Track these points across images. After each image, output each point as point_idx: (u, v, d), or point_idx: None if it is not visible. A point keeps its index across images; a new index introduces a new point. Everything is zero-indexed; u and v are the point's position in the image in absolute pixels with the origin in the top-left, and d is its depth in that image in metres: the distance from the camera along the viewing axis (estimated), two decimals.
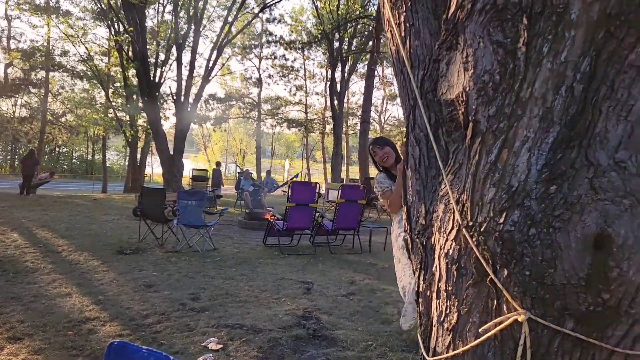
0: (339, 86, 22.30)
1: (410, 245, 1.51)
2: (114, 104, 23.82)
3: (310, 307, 4.53)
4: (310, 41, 26.73)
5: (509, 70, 1.07)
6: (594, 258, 0.97)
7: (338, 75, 22.42)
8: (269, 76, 37.65)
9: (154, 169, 42.65)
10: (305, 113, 38.37)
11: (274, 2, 20.76)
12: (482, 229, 1.08)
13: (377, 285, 5.63)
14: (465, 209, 1.13)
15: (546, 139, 1.03)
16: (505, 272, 1.06)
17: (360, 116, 25.24)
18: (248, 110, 39.04)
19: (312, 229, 8.01)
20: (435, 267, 1.29)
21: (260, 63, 36.80)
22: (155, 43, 22.48)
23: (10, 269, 5.42)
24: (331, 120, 24.50)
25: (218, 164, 20.13)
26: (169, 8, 22.00)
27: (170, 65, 23.09)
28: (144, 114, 19.09)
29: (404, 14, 1.50)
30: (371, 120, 29.86)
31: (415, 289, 1.45)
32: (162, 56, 22.65)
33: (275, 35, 30.78)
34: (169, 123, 27.28)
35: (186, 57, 18.00)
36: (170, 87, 22.81)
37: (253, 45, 34.66)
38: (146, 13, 17.43)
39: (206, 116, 36.06)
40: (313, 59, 36.91)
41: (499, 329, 1.08)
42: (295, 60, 35.77)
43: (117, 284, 5.07)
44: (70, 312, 4.08)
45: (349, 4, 22.36)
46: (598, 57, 1.01)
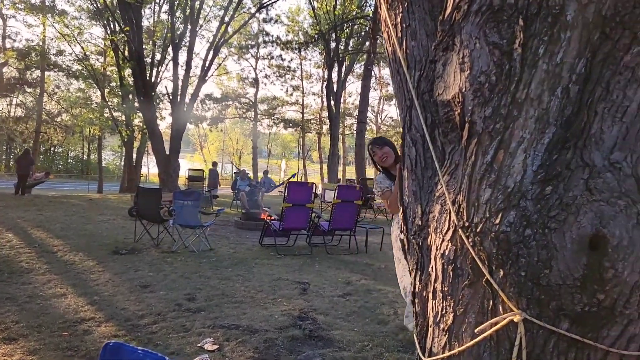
0: (335, 86, 22.32)
1: (406, 246, 1.52)
2: (109, 103, 23.77)
3: (306, 308, 4.53)
4: (306, 41, 26.77)
5: (505, 71, 1.07)
6: (589, 259, 0.97)
7: (335, 75, 22.45)
8: (266, 76, 37.60)
9: (150, 169, 42.51)
10: (302, 113, 38.40)
11: (270, 2, 20.78)
12: (478, 230, 1.08)
13: (374, 285, 5.63)
14: (461, 210, 1.13)
15: (542, 139, 1.03)
16: (501, 273, 1.06)
17: (356, 116, 25.24)
18: (244, 111, 39.03)
19: (309, 230, 8.01)
20: (431, 268, 1.29)
21: (256, 63, 36.84)
22: (151, 43, 22.44)
23: (5, 270, 5.39)
24: (328, 120, 24.53)
25: (214, 164, 20.13)
26: (165, 7, 22.04)
27: (167, 65, 23.08)
28: (140, 114, 19.03)
29: (401, 14, 1.50)
30: (368, 121, 29.85)
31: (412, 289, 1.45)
32: (158, 56, 22.65)
33: (272, 36, 30.88)
34: (165, 123, 27.32)
35: (182, 57, 18.03)
36: (166, 87, 22.83)
37: (250, 45, 34.65)
38: (142, 12, 17.39)
39: (202, 116, 36.02)
40: (310, 59, 37.00)
41: (494, 329, 1.08)
42: (292, 60, 35.85)
43: (113, 285, 5.06)
44: (65, 313, 4.06)
45: (346, 5, 22.41)
46: (593, 59, 1.02)
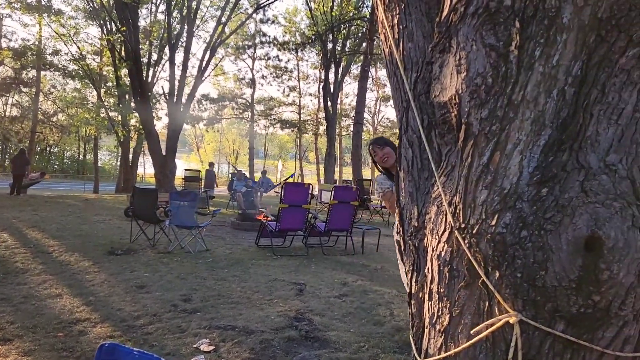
0: (332, 87, 22.33)
1: (402, 247, 1.52)
2: (106, 103, 23.69)
3: (302, 309, 4.53)
4: (303, 42, 26.78)
5: (501, 74, 1.07)
6: (584, 260, 0.97)
7: (331, 76, 22.46)
8: (263, 77, 37.72)
9: (146, 169, 42.42)
10: (299, 114, 38.38)
11: (267, 3, 20.78)
12: (474, 231, 1.08)
13: (370, 286, 5.63)
14: (457, 211, 1.14)
15: (538, 141, 1.04)
16: (497, 274, 1.06)
17: (353, 117, 25.27)
18: (241, 111, 38.99)
19: (305, 230, 8.00)
20: (428, 269, 1.29)
21: (253, 64, 36.80)
22: (148, 43, 22.40)
23: (0, 270, 5.36)
24: (324, 121, 24.51)
25: (211, 164, 20.10)
26: (162, 8, 21.98)
27: (163, 65, 23.04)
28: (136, 114, 18.98)
29: (398, 16, 1.50)
30: (364, 122, 29.93)
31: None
32: (155, 56, 22.62)
33: (269, 36, 30.83)
34: (161, 123, 27.23)
35: (179, 57, 17.95)
36: (162, 87, 22.77)
37: (246, 46, 34.61)
38: (139, 12, 17.33)
39: (199, 116, 35.98)
40: (307, 60, 37.04)
41: (490, 330, 1.08)
42: (288, 61, 35.86)
43: (108, 285, 5.04)
44: (60, 313, 4.04)
45: (343, 6, 22.42)
46: (589, 61, 1.02)
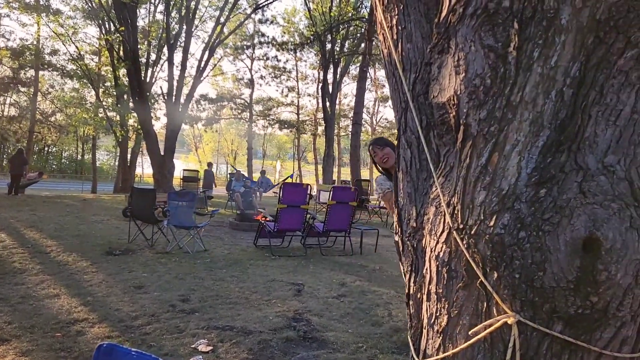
0: (331, 88, 22.32)
1: (401, 248, 1.52)
2: (104, 103, 23.64)
3: (300, 309, 4.53)
4: (302, 42, 26.77)
5: (499, 74, 1.07)
6: (582, 261, 0.98)
7: (330, 76, 22.44)
8: (261, 77, 37.52)
9: (145, 169, 42.35)
10: (297, 114, 38.35)
11: (266, 3, 20.77)
12: (473, 232, 1.08)
13: (368, 287, 5.63)
14: (456, 212, 1.14)
15: (536, 142, 1.04)
16: (495, 275, 1.06)
17: (352, 118, 25.27)
18: (240, 111, 38.95)
19: (303, 231, 8.00)
20: (426, 270, 1.29)
21: (252, 64, 36.76)
22: (146, 43, 22.37)
23: None
24: (323, 121, 24.51)
25: (210, 164, 20.10)
26: (161, 7, 21.94)
27: (162, 65, 23.00)
28: (135, 114, 18.96)
29: (396, 17, 1.50)
30: (363, 122, 29.87)
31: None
32: (154, 56, 22.57)
33: (268, 37, 30.75)
34: (160, 123, 27.15)
35: (178, 57, 17.96)
36: (161, 87, 22.70)
37: (245, 46, 34.58)
38: (137, 12, 17.30)
39: (197, 117, 35.92)
40: (305, 61, 36.94)
41: (488, 331, 1.08)
42: (287, 61, 35.79)
43: (106, 285, 5.03)
44: (58, 314, 4.04)
45: (342, 6, 22.42)
46: (587, 62, 1.02)
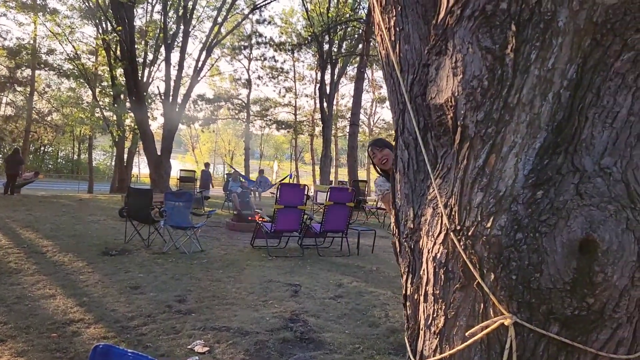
0: (328, 88, 22.33)
1: (398, 249, 1.52)
2: (101, 103, 23.59)
3: (297, 310, 4.52)
4: (300, 43, 26.78)
5: (497, 76, 1.07)
6: (579, 263, 0.98)
7: (328, 77, 22.46)
8: (259, 77, 37.51)
9: (141, 169, 42.18)
10: (295, 115, 38.36)
11: (264, 4, 20.77)
12: (470, 233, 1.09)
13: (365, 287, 5.63)
14: (453, 213, 1.14)
15: (533, 144, 1.04)
16: (492, 276, 1.06)
17: (349, 119, 25.29)
18: (237, 112, 38.92)
19: (300, 231, 8.00)
20: (423, 271, 1.29)
21: (249, 64, 36.76)
22: (143, 42, 22.32)
23: None
24: (320, 122, 24.53)
25: (207, 165, 20.07)
26: (158, 7, 21.93)
27: (159, 65, 22.97)
28: (132, 114, 18.91)
29: (394, 18, 1.50)
30: (360, 123, 29.91)
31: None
32: (151, 56, 22.55)
33: (265, 37, 30.66)
34: (156, 123, 27.14)
35: (175, 57, 17.95)
36: (158, 87, 22.70)
37: (242, 46, 34.54)
38: (135, 12, 17.27)
39: (194, 117, 35.86)
40: (303, 61, 37.01)
41: (485, 332, 1.08)
42: (284, 62, 35.81)
43: (102, 286, 5.01)
44: (54, 314, 4.02)
45: (339, 7, 22.44)
46: (584, 65, 1.03)
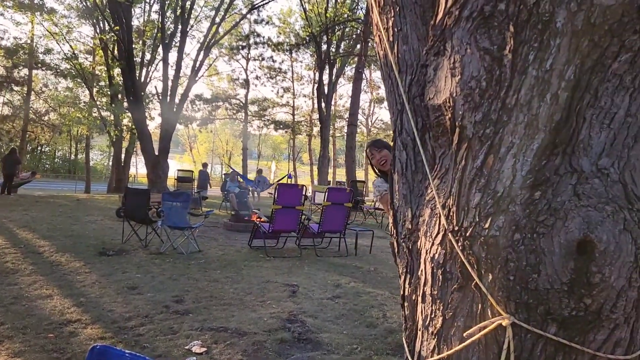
0: (326, 88, 22.34)
1: (396, 249, 1.52)
2: (98, 103, 23.52)
3: (295, 310, 4.52)
4: (298, 43, 26.79)
5: (495, 77, 1.07)
6: (576, 263, 0.98)
7: (326, 77, 22.48)
8: (257, 77, 37.47)
9: (139, 169, 42.12)
10: (293, 115, 38.35)
11: (262, 4, 20.76)
12: (468, 234, 1.09)
13: (363, 288, 5.63)
14: (451, 214, 1.14)
15: (531, 145, 1.04)
16: (490, 277, 1.07)
17: (347, 119, 25.28)
18: (235, 112, 38.85)
19: (298, 232, 8.00)
20: (421, 271, 1.29)
21: (247, 64, 36.69)
22: (141, 42, 22.27)
23: None
24: (318, 122, 24.54)
25: (205, 165, 20.04)
26: (156, 7, 21.89)
27: (157, 64, 22.92)
28: (129, 114, 18.87)
29: (392, 18, 1.51)
30: (358, 123, 29.90)
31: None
32: (148, 55, 22.50)
33: (263, 37, 30.67)
34: (154, 123, 27.07)
35: (172, 57, 17.88)
36: (156, 87, 22.67)
37: (240, 46, 34.48)
38: (132, 12, 17.23)
39: (192, 117, 35.78)
40: (301, 61, 37.06)
41: (483, 333, 1.08)
42: (283, 62, 35.78)
43: (100, 286, 5.00)
44: (51, 314, 4.01)
45: (337, 7, 22.45)
46: (582, 66, 1.03)
